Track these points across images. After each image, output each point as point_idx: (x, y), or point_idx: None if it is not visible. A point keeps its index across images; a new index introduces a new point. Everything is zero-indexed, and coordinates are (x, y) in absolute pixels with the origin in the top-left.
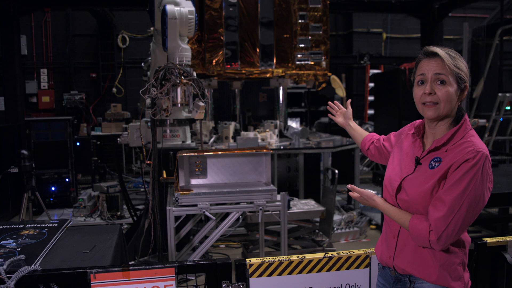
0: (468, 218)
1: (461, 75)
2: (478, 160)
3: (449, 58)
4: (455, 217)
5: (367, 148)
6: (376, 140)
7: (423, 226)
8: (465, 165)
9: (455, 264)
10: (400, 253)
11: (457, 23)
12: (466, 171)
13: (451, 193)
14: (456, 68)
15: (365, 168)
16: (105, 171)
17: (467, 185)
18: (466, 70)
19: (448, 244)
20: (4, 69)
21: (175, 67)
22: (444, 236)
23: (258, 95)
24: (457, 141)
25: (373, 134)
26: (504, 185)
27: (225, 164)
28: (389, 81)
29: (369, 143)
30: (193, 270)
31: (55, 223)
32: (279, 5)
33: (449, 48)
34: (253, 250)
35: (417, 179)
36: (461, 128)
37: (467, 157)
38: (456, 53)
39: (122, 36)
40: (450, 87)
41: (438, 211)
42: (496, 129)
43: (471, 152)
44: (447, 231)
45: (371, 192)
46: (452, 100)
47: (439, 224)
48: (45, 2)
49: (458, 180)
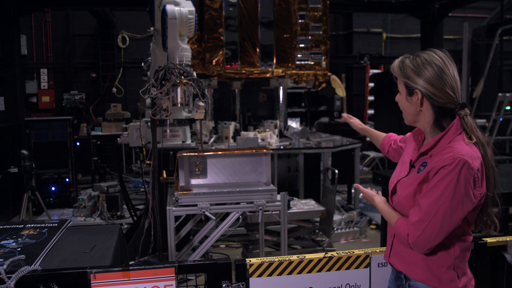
0: (446, 224)
1: (407, 82)
2: (455, 167)
3: (396, 67)
4: (431, 223)
5: (387, 151)
6: (394, 141)
7: (404, 228)
8: (441, 171)
9: (444, 267)
10: (395, 251)
11: (457, 23)
12: (442, 177)
13: (427, 198)
14: (402, 76)
15: (365, 168)
16: (105, 171)
17: (443, 192)
18: (421, 79)
19: (428, 248)
20: (4, 69)
21: (175, 67)
22: (421, 241)
23: (258, 95)
24: (443, 146)
25: (390, 136)
26: (504, 185)
27: (225, 164)
28: (389, 81)
29: (388, 145)
30: (193, 270)
31: (55, 223)
32: (279, 5)
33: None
34: (253, 250)
35: (406, 182)
36: (448, 133)
37: (444, 164)
38: (415, 60)
39: (122, 36)
40: (400, 96)
41: (415, 215)
42: (496, 129)
43: (448, 158)
44: (423, 236)
45: (372, 192)
46: (405, 107)
47: (414, 228)
48: (45, 2)
49: (434, 186)
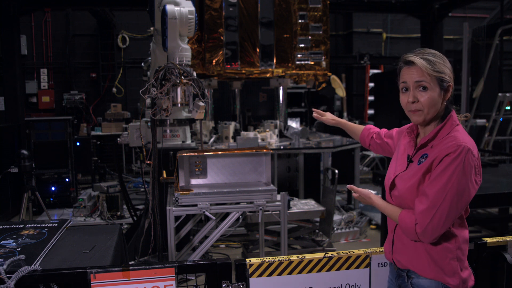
0: (453, 211)
1: (442, 77)
2: (459, 153)
3: (427, 64)
4: (439, 210)
5: (368, 144)
6: (376, 134)
7: (410, 219)
8: (446, 159)
9: (448, 258)
10: (397, 247)
11: (457, 23)
12: (447, 164)
13: (434, 186)
14: (436, 72)
15: (365, 168)
16: (105, 171)
17: (449, 178)
18: (449, 71)
19: (436, 236)
20: (4, 69)
21: (175, 67)
22: (430, 228)
23: (258, 95)
24: (442, 137)
25: (369, 128)
26: (504, 185)
27: (225, 164)
28: (389, 81)
29: (369, 138)
30: (193, 270)
31: (55, 223)
32: (279, 5)
33: (432, 50)
34: (253, 250)
35: (406, 175)
36: (446, 124)
37: (448, 151)
38: (435, 55)
39: (122, 36)
40: (432, 92)
41: (422, 204)
42: (496, 129)
43: (452, 146)
44: (432, 223)
45: (368, 191)
46: (436, 103)
47: (423, 217)
48: (45, 2)
49: (440, 174)
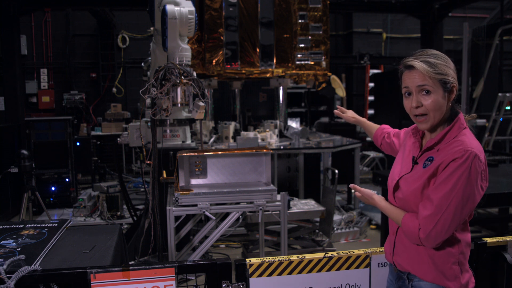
0: (457, 217)
1: (445, 79)
2: (466, 159)
3: (428, 68)
4: (443, 215)
5: (380, 143)
6: (387, 135)
7: (414, 224)
8: (452, 164)
9: (450, 263)
10: (398, 250)
11: (457, 23)
12: (453, 170)
13: (439, 192)
14: (438, 74)
15: (365, 168)
16: (105, 171)
17: (455, 184)
18: (451, 71)
19: (439, 242)
20: (4, 69)
21: (175, 67)
22: (433, 234)
23: (258, 95)
24: (449, 140)
25: (383, 128)
26: (504, 185)
27: (225, 164)
28: (389, 81)
29: (381, 138)
30: (193, 270)
31: (55, 223)
32: (279, 5)
33: (434, 51)
34: (253, 250)
35: (411, 178)
36: (454, 127)
37: (455, 156)
38: (437, 56)
39: (122, 36)
40: (435, 95)
41: (426, 209)
42: (496, 129)
43: (459, 151)
44: (435, 229)
45: (371, 191)
46: (441, 106)
47: (427, 222)
48: (45, 2)
49: (445, 179)
